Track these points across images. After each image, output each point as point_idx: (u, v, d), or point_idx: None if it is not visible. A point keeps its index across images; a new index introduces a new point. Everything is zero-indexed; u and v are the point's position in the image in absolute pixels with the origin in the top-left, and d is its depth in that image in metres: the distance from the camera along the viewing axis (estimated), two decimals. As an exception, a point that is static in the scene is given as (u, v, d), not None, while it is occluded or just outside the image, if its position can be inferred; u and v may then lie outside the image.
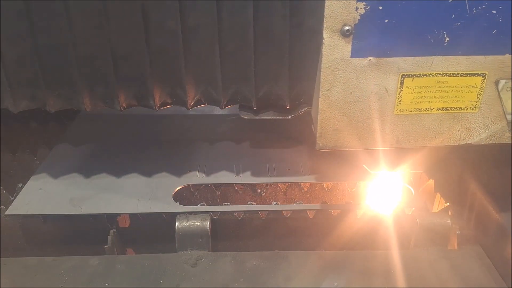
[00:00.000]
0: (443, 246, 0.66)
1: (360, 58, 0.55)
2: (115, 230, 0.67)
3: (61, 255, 0.65)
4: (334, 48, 0.54)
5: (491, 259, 0.66)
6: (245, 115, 0.66)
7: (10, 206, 0.69)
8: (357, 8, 0.52)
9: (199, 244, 0.64)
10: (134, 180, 0.76)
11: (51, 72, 0.61)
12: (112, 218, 0.69)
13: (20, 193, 0.72)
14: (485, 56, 0.56)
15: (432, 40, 0.55)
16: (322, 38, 0.53)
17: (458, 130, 0.60)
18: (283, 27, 0.58)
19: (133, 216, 0.71)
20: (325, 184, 0.84)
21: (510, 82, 0.57)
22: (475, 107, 0.59)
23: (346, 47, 0.54)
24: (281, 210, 0.70)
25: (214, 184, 0.78)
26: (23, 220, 0.69)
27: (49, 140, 0.93)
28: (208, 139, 0.88)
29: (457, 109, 0.59)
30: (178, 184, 0.75)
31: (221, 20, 0.58)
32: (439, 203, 0.74)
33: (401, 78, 0.56)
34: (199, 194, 0.81)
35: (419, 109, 0.59)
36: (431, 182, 0.77)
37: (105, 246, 0.65)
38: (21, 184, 0.74)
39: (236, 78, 0.63)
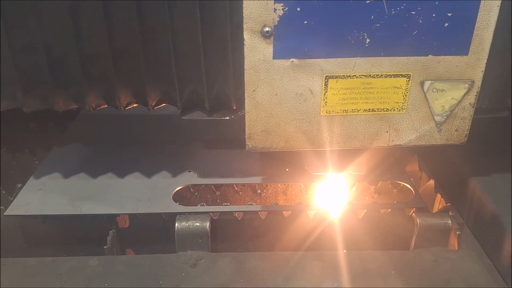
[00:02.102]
0: (443, 246, 0.66)
1: (283, 60, 0.55)
2: (114, 231, 0.67)
3: (61, 255, 0.65)
4: (255, 49, 0.54)
5: (491, 259, 0.66)
6: (186, 117, 0.66)
7: (10, 206, 0.69)
8: (275, 9, 0.52)
9: (199, 244, 0.64)
10: (133, 181, 0.76)
11: (26, 73, 0.62)
12: (111, 218, 0.69)
13: (20, 193, 0.72)
14: (408, 57, 0.56)
15: (353, 42, 0.55)
16: (243, 39, 0.54)
17: (387, 132, 0.61)
18: (225, 27, 0.59)
19: (132, 216, 0.70)
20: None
21: (436, 83, 0.57)
22: (402, 108, 0.59)
23: (267, 48, 0.54)
24: (281, 210, 0.70)
25: (214, 185, 0.78)
26: (23, 220, 0.69)
27: (48, 140, 0.93)
28: (208, 139, 0.88)
29: (384, 110, 0.59)
30: (177, 184, 0.75)
31: (173, 21, 0.58)
32: (439, 203, 0.73)
33: (325, 79, 0.57)
34: (198, 194, 0.81)
35: (345, 110, 0.59)
36: (431, 182, 0.77)
37: (105, 247, 0.65)
38: (21, 184, 0.74)
39: (190, 78, 0.63)
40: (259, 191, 0.81)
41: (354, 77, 0.57)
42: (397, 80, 0.57)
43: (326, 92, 0.57)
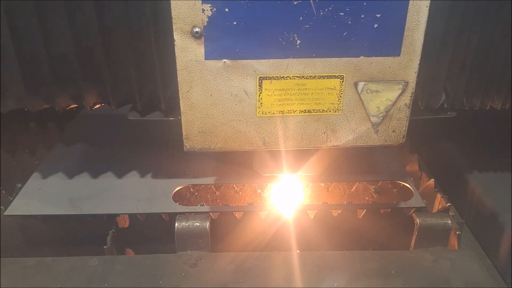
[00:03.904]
0: (443, 246, 0.66)
1: (215, 60, 0.55)
2: (114, 231, 0.67)
3: (60, 255, 0.65)
4: (186, 50, 0.54)
5: (491, 259, 0.66)
6: (132, 117, 0.66)
7: (9, 206, 0.69)
8: (203, 10, 0.52)
9: (199, 244, 0.64)
10: (133, 180, 0.76)
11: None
12: (111, 218, 0.69)
13: (19, 193, 0.72)
14: (340, 58, 0.56)
15: (283, 43, 0.54)
16: (173, 40, 0.53)
17: (324, 132, 0.61)
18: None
19: (132, 216, 0.70)
20: (323, 185, 0.84)
21: (369, 84, 0.57)
22: (337, 109, 0.59)
23: (199, 49, 0.54)
24: (280, 211, 0.70)
25: (214, 184, 0.78)
26: (22, 220, 0.69)
27: (48, 140, 0.93)
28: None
29: (319, 112, 0.59)
30: (177, 184, 0.75)
31: (128, 21, 0.58)
32: (439, 203, 0.74)
33: (258, 80, 0.57)
34: (198, 194, 0.81)
35: (281, 111, 0.59)
36: (431, 182, 0.77)
37: (104, 247, 0.65)
38: (20, 184, 0.74)
39: (148, 78, 0.63)
40: (259, 191, 0.81)
41: (288, 78, 0.57)
42: (330, 81, 0.57)
43: (261, 93, 0.57)
